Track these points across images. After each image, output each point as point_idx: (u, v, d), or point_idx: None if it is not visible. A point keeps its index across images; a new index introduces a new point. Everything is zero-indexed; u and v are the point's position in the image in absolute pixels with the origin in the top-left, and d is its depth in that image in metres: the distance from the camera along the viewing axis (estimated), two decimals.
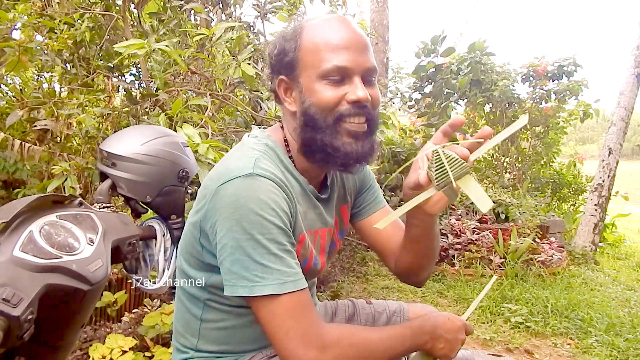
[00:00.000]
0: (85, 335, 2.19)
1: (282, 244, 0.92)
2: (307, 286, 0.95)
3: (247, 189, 0.91)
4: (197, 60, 2.97)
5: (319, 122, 0.99)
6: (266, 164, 0.97)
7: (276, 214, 0.91)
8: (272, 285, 0.89)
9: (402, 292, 4.08)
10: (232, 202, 0.91)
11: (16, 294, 0.73)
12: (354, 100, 0.98)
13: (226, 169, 0.96)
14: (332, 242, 1.21)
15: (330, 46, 0.98)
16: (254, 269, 0.90)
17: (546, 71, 6.72)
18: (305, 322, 0.90)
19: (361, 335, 0.96)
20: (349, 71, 0.98)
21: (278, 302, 0.90)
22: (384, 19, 5.74)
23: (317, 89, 0.99)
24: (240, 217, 0.89)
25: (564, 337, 3.22)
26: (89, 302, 0.96)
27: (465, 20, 18.36)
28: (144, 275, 1.25)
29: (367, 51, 1.01)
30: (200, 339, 1.08)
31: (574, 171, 7.96)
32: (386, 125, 2.68)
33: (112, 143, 1.25)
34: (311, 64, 0.99)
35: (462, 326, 1.05)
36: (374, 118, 1.03)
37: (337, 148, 1.00)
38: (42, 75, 3.98)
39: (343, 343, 0.92)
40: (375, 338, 0.96)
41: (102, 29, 3.05)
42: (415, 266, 1.19)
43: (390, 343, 0.97)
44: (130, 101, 2.64)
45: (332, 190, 1.18)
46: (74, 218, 0.97)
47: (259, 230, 0.89)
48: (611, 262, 5.67)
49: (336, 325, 0.98)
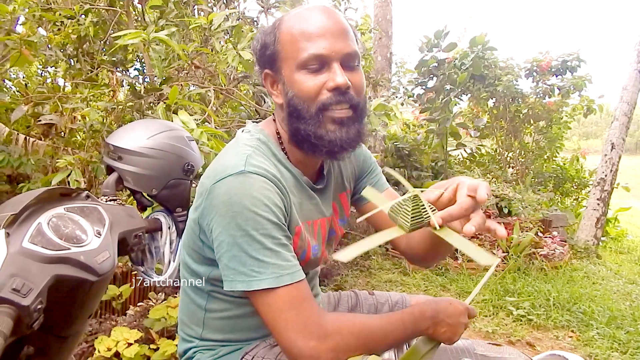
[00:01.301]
0: (91, 328, 2.21)
1: (277, 238, 0.93)
2: (305, 278, 0.96)
3: (239, 187, 0.92)
4: (201, 55, 2.98)
5: (303, 113, 1.00)
6: (258, 160, 0.98)
7: (269, 209, 0.92)
8: (268, 279, 0.91)
9: (405, 285, 4.10)
10: (226, 200, 0.92)
11: (26, 284, 0.74)
12: (333, 87, 0.97)
13: (220, 167, 0.97)
14: (332, 231, 1.22)
15: (306, 35, 0.98)
16: (250, 264, 0.91)
17: (550, 66, 6.70)
18: (304, 312, 0.92)
19: (361, 323, 0.96)
20: (327, 58, 0.97)
21: (276, 295, 0.91)
22: (387, 14, 5.71)
23: (297, 79, 0.99)
24: (234, 215, 0.91)
25: (566, 329, 3.24)
26: (96, 292, 0.97)
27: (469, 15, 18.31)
28: (150, 267, 1.27)
29: (345, 37, 1.00)
30: (205, 328, 1.10)
31: (576, 166, 7.95)
32: (388, 117, 2.67)
33: (119, 137, 1.26)
34: (290, 55, 1.00)
35: (464, 310, 1.03)
36: (359, 104, 1.02)
37: (320, 136, 1.00)
38: (46, 70, 4.00)
39: (343, 332, 0.92)
40: (376, 325, 0.96)
41: (106, 24, 3.06)
42: (428, 258, 1.21)
43: (391, 329, 0.96)
44: (134, 95, 2.65)
45: (329, 180, 1.19)
46: (82, 210, 0.98)
47: (253, 226, 0.91)
48: (613, 256, 5.68)
49: (336, 315, 0.98)
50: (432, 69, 6.20)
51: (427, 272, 4.40)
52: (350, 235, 5.00)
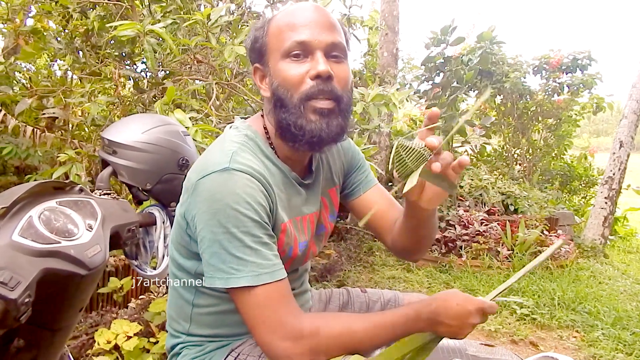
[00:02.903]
0: (91, 321, 2.23)
1: (258, 236, 0.93)
2: (286, 277, 0.96)
3: (222, 184, 0.93)
4: (205, 49, 2.98)
5: (286, 102, 1.00)
6: (244, 157, 0.98)
7: (251, 207, 0.92)
8: (247, 277, 0.91)
9: (408, 282, 4.10)
10: (209, 197, 0.93)
11: (14, 278, 0.74)
12: (315, 75, 0.98)
13: (205, 164, 0.98)
14: (321, 226, 1.22)
15: (291, 26, 1.00)
16: (229, 262, 0.92)
17: (560, 64, 6.65)
18: (280, 312, 0.92)
19: (342, 326, 0.94)
20: (309, 46, 0.99)
21: (254, 293, 0.91)
22: (394, 10, 5.69)
23: (281, 67, 1.01)
24: (216, 211, 0.92)
25: (570, 329, 3.22)
26: (87, 286, 0.98)
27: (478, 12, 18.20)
28: (144, 261, 1.26)
29: (331, 29, 1.01)
30: (192, 323, 1.10)
31: (584, 164, 7.89)
32: (387, 106, 2.64)
33: (114, 131, 1.26)
34: (275, 46, 1.02)
35: (475, 310, 0.94)
36: (343, 97, 1.02)
37: (301, 126, 0.99)
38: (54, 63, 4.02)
39: (321, 334, 0.91)
40: (359, 328, 0.93)
41: (113, 18, 3.07)
42: (411, 248, 1.19)
43: (377, 332, 0.94)
44: (138, 90, 2.66)
45: (317, 175, 1.19)
46: (74, 204, 0.98)
47: (234, 223, 0.91)
48: (621, 256, 5.63)
49: (315, 315, 0.96)
50: (438, 65, 6.16)
51: (430, 269, 4.39)
52: (353, 230, 5.00)
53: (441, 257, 4.58)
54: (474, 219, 5.00)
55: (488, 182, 5.93)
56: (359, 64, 5.90)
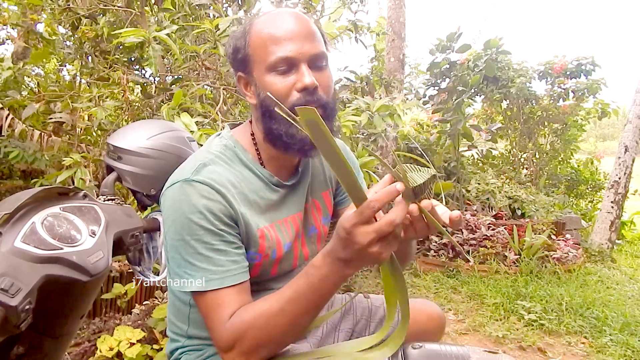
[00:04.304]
0: (94, 327, 2.22)
1: (210, 243, 0.97)
2: (244, 281, 1.00)
3: (182, 194, 0.99)
4: (213, 56, 2.99)
5: (274, 113, 1.02)
6: (211, 169, 1.03)
7: (204, 216, 0.97)
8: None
9: (415, 287, 4.07)
10: (170, 206, 1.00)
11: (15, 284, 0.74)
12: (301, 87, 1.01)
13: (175, 173, 1.05)
14: (311, 227, 1.22)
15: (273, 39, 1.02)
16: (184, 267, 0.98)
17: (565, 69, 6.65)
18: (212, 322, 0.96)
19: (263, 315, 0.91)
20: (294, 60, 1.01)
21: (205, 298, 0.97)
22: (400, 16, 5.71)
23: (267, 81, 1.03)
24: (174, 220, 0.98)
25: (578, 335, 3.18)
26: (89, 292, 0.97)
27: (484, 18, 18.21)
28: (147, 267, 1.26)
29: (312, 38, 1.04)
30: (190, 324, 1.12)
31: (591, 168, 7.86)
32: (391, 117, 2.65)
33: (119, 137, 1.26)
34: (260, 59, 1.04)
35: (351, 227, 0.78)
36: (328, 103, 1.05)
37: (292, 135, 1.03)
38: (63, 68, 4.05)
39: (248, 335, 0.91)
40: (276, 310, 0.90)
41: (122, 24, 3.10)
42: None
43: (296, 306, 0.89)
44: (145, 95, 2.67)
45: (304, 176, 1.21)
46: (78, 210, 0.98)
47: (188, 232, 0.97)
48: (629, 260, 5.58)
49: (237, 319, 0.93)
50: (444, 71, 6.17)
51: (437, 273, 4.37)
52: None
53: (448, 261, 4.56)
54: (481, 223, 4.97)
55: (495, 186, 5.90)
56: (366, 70, 5.91)
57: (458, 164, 6.12)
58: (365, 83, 4.84)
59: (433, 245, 4.74)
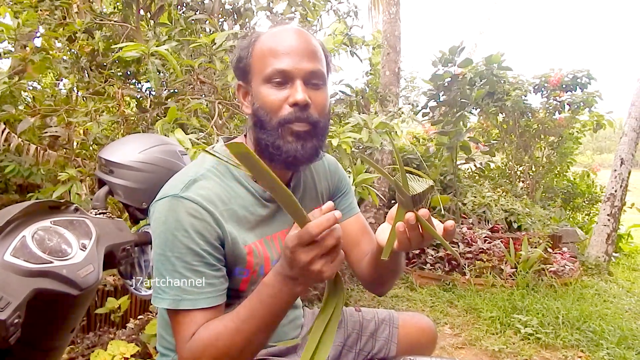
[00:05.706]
0: (88, 342, 2.21)
1: (190, 263, 0.97)
2: (218, 305, 0.99)
3: (169, 210, 0.99)
4: (208, 70, 3.01)
5: (265, 124, 1.04)
6: (201, 184, 1.03)
7: (188, 235, 0.97)
8: (168, 300, 0.97)
9: (411, 300, 4.06)
10: (158, 219, 1.00)
11: (4, 298, 0.74)
12: (293, 102, 1.02)
13: (166, 187, 1.05)
14: None
15: (274, 52, 1.04)
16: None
17: (560, 82, 6.71)
18: (177, 340, 0.97)
19: (220, 334, 0.93)
20: (290, 74, 1.03)
21: (175, 315, 0.98)
22: (395, 30, 5.77)
23: (262, 91, 1.05)
24: (159, 234, 0.99)
25: (575, 349, 3.17)
26: (79, 306, 0.97)
27: (480, 31, 18.37)
28: (139, 280, 1.26)
29: (311, 57, 1.05)
30: None
31: (587, 181, 7.88)
32: (389, 134, 2.67)
33: (110, 151, 1.26)
34: (258, 70, 1.06)
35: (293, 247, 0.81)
36: (319, 122, 1.06)
37: (278, 147, 1.03)
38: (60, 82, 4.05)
39: (206, 353, 0.92)
40: (232, 329, 0.92)
41: (118, 39, 3.12)
42: (377, 282, 1.22)
43: (248, 326, 0.91)
44: (141, 109, 2.68)
45: (295, 191, 1.21)
46: (69, 223, 0.98)
47: (170, 248, 0.97)
48: (626, 273, 5.58)
49: (198, 337, 0.94)
50: (445, 84, 6.22)
51: (434, 287, 4.36)
52: None
53: (444, 275, 4.55)
54: (477, 236, 4.98)
55: (491, 199, 5.92)
56: (362, 83, 5.95)
57: (455, 177, 6.14)
58: (360, 97, 4.87)
59: (429, 259, 4.73)
